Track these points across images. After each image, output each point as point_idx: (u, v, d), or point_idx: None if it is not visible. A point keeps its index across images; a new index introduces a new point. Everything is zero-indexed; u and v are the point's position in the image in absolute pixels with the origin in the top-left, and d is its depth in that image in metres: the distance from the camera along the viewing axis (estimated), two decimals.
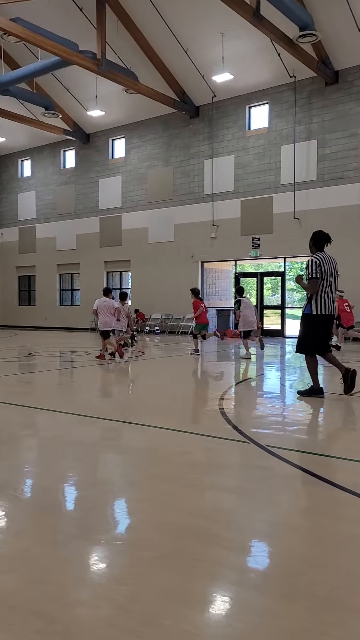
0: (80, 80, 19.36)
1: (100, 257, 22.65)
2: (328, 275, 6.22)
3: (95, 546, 2.47)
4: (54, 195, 24.29)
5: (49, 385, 8.05)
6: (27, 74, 16.79)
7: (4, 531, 2.66)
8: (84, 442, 4.52)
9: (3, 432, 4.95)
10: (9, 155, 26.03)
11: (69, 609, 1.93)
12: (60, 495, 3.24)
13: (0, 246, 26.48)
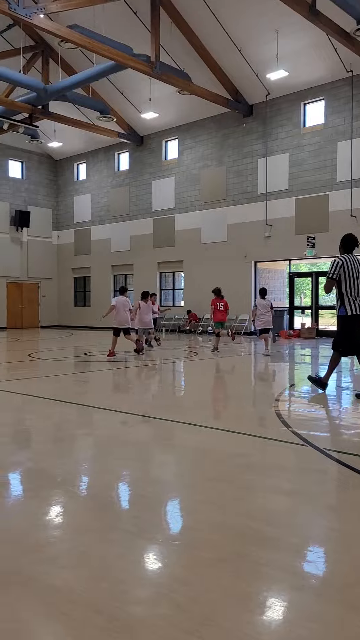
0: (134, 84, 19.61)
1: (153, 258, 22.85)
2: (353, 277, 6.35)
3: (154, 545, 2.49)
4: (108, 198, 24.70)
5: (104, 384, 8.19)
6: (83, 79, 17.15)
7: (64, 527, 2.72)
8: (138, 441, 4.56)
9: (61, 430, 5.07)
10: (66, 159, 26.68)
11: (130, 607, 1.95)
12: (117, 493, 3.28)
13: (56, 248, 27.17)
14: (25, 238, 25.81)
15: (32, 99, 18.46)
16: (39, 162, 26.53)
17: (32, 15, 13.39)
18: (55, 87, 17.75)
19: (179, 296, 22.83)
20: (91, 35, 14.58)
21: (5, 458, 4.02)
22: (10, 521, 2.79)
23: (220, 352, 12.28)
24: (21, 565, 2.26)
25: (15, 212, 25.15)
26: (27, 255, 25.92)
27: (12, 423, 5.38)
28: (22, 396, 6.75)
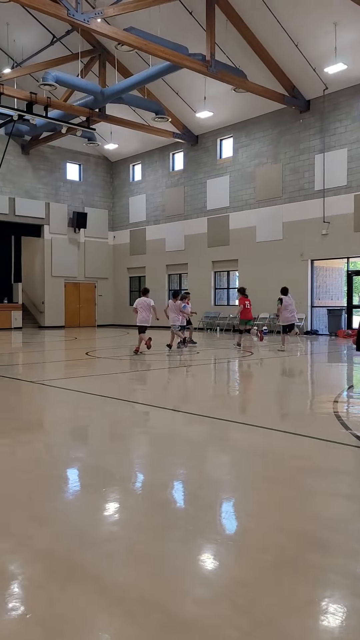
0: (189, 83, 19.65)
1: (208, 257, 22.83)
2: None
3: (212, 545, 2.48)
4: (163, 198, 24.87)
5: (159, 382, 8.25)
6: (138, 81, 17.35)
7: (123, 524, 2.76)
8: (194, 440, 4.57)
9: (118, 428, 5.15)
10: (121, 160, 27.07)
11: (189, 606, 1.95)
12: (175, 492, 3.30)
13: (112, 248, 27.62)
14: (82, 239, 26.38)
15: (90, 103, 18.85)
16: (96, 164, 27.04)
17: (90, 20, 13.67)
18: (112, 90, 18.05)
19: (233, 295, 22.70)
20: (147, 37, 14.72)
21: (65, 454, 4.12)
22: (71, 516, 2.86)
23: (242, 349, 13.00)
24: (83, 560, 2.31)
25: (73, 214, 25.74)
26: (84, 256, 26.48)
27: (71, 420, 5.51)
28: (79, 394, 6.91)
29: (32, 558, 2.34)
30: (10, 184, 23.79)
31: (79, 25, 13.89)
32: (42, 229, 25.08)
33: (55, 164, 25.45)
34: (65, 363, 11.24)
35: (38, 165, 24.86)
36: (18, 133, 22.18)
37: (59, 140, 23.46)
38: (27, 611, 1.93)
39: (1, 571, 2.22)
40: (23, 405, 6.52)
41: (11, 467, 3.83)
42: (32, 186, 24.64)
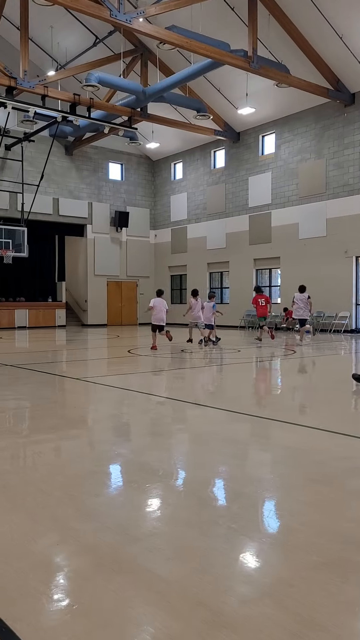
0: (231, 80, 19.53)
1: (249, 254, 22.67)
2: None
3: (256, 544, 2.46)
4: (204, 196, 24.83)
5: (200, 380, 8.24)
6: (180, 79, 17.36)
7: (167, 520, 2.76)
8: (236, 438, 4.54)
9: (160, 425, 5.17)
10: (163, 159, 27.17)
11: (235, 604, 1.94)
12: (217, 489, 3.28)
13: (154, 247, 27.77)
14: (124, 238, 26.63)
15: (131, 102, 18.99)
16: (137, 164, 27.24)
17: (132, 20, 13.76)
18: (154, 89, 18.13)
19: (275, 293, 22.47)
20: (188, 35, 14.72)
21: (109, 450, 4.17)
22: (116, 511, 2.88)
23: (262, 343, 13.78)
24: (128, 554, 2.33)
25: (115, 213, 26.02)
26: (126, 255, 26.73)
27: (113, 416, 5.57)
28: (122, 390, 6.98)
29: (78, 551, 2.37)
30: (54, 185, 24.24)
31: (121, 26, 14.01)
32: (85, 228, 25.45)
33: (98, 164, 25.77)
34: (108, 360, 11.38)
35: (81, 166, 25.23)
36: (62, 134, 22.59)
37: (102, 140, 23.75)
38: (73, 602, 1.96)
39: (48, 563, 2.26)
40: (67, 401, 6.63)
41: (57, 462, 3.90)
42: (76, 186, 25.03)
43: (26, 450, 4.14)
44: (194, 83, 20.04)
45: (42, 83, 17.09)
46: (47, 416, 5.36)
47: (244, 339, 16.36)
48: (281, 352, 12.37)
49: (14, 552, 2.35)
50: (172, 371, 9.29)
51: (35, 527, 2.62)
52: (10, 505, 2.92)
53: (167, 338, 13.05)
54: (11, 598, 1.98)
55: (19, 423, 5.25)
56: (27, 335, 18.98)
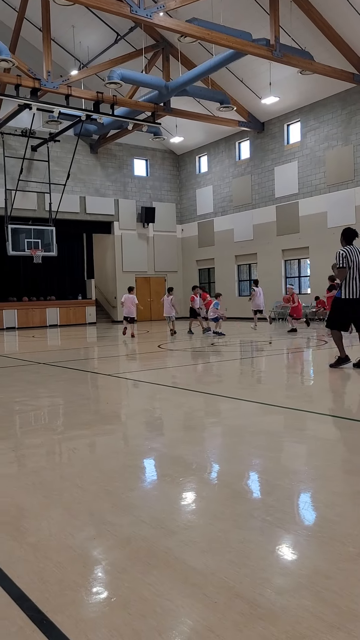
0: (254, 70, 19.33)
1: (277, 245, 22.46)
2: (355, 265, 7.40)
3: (292, 535, 2.45)
4: (230, 188, 24.69)
5: (232, 373, 8.22)
6: (202, 72, 17.26)
7: (201, 513, 2.78)
8: (270, 430, 4.52)
9: (193, 418, 5.19)
10: (187, 153, 27.10)
11: (272, 595, 1.94)
12: (252, 482, 3.28)
13: (181, 241, 27.77)
14: (151, 233, 26.71)
15: (154, 97, 18.98)
16: (162, 159, 27.24)
17: (153, 15, 13.74)
18: (176, 83, 18.08)
19: (305, 283, 22.23)
20: (210, 27, 14.62)
21: (142, 444, 4.20)
22: (151, 504, 2.91)
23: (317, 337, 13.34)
24: (164, 547, 2.35)
25: (141, 209, 26.11)
26: (154, 250, 26.81)
27: (146, 411, 5.61)
28: (153, 385, 7.02)
29: (114, 545, 2.40)
30: (80, 184, 24.45)
31: (141, 21, 14.01)
32: (112, 225, 25.62)
33: (123, 160, 25.87)
34: (139, 356, 11.45)
35: (106, 163, 25.38)
36: (86, 133, 22.75)
37: (126, 137, 23.83)
38: (111, 595, 1.99)
39: (86, 557, 2.30)
40: (100, 397, 6.71)
41: (91, 457, 3.95)
42: (102, 184, 25.19)
43: (61, 447, 4.21)
44: (216, 75, 19.90)
45: (65, 83, 17.23)
46: (80, 412, 5.44)
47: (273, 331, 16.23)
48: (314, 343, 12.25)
49: (52, 546, 2.40)
50: (202, 365, 9.29)
51: (72, 522, 2.67)
52: (48, 501, 2.98)
53: (124, 333, 15.44)
54: (51, 591, 2.02)
55: (54, 420, 5.34)
56: (59, 333, 19.25)
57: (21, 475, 3.48)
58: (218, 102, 19.26)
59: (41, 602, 1.94)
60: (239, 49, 15.15)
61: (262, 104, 20.77)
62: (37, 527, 2.62)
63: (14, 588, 2.04)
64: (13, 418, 5.38)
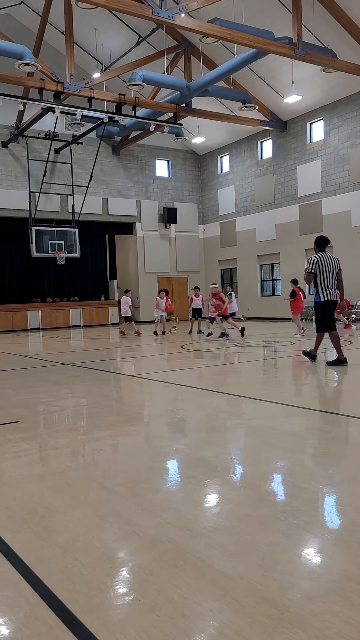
0: (276, 68, 19.21)
1: (300, 245, 22.28)
2: (326, 270, 8.04)
3: (320, 539, 2.43)
4: (252, 188, 24.57)
5: (256, 374, 8.18)
6: (224, 72, 17.22)
7: (228, 515, 2.77)
8: (294, 432, 4.49)
9: (216, 419, 5.18)
10: (209, 153, 27.06)
11: (301, 600, 1.92)
12: (277, 484, 3.26)
13: (203, 242, 27.74)
14: (173, 234, 26.74)
15: (176, 98, 19.00)
16: (184, 159, 27.25)
17: (174, 16, 13.76)
18: (198, 83, 18.07)
19: None
20: (231, 26, 14.58)
21: (166, 445, 4.21)
22: (176, 506, 2.91)
23: None
24: (191, 549, 2.35)
25: (163, 210, 26.15)
26: (176, 251, 26.83)
27: (169, 412, 5.62)
28: (176, 386, 7.02)
29: (141, 546, 2.41)
30: (103, 185, 24.60)
31: (163, 23, 14.04)
32: (134, 226, 25.71)
33: (145, 162, 25.95)
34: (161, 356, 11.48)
35: (128, 165, 25.48)
36: (108, 135, 22.89)
37: (148, 138, 23.89)
38: (139, 597, 1.99)
39: (113, 558, 2.32)
40: (124, 398, 6.74)
41: (116, 458, 3.98)
42: (124, 185, 25.31)
43: (87, 447, 4.24)
44: (238, 74, 19.82)
45: (88, 86, 17.36)
46: (105, 413, 5.47)
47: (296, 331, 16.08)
48: None
49: (80, 547, 2.42)
50: (226, 366, 9.27)
51: (99, 523, 2.69)
52: (74, 502, 3.01)
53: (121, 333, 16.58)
54: (80, 592, 2.04)
55: (79, 420, 5.39)
56: (82, 334, 19.40)
57: (47, 476, 3.52)
58: (240, 101, 19.19)
59: (70, 603, 1.96)
60: (261, 48, 15.07)
61: (284, 102, 20.62)
62: (65, 528, 2.65)
63: (44, 588, 2.07)
64: (38, 418, 5.44)
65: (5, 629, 1.83)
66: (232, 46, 17.04)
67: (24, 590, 2.06)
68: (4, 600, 2.00)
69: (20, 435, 4.57)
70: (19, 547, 2.43)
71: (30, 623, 1.85)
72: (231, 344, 12.77)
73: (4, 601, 2.00)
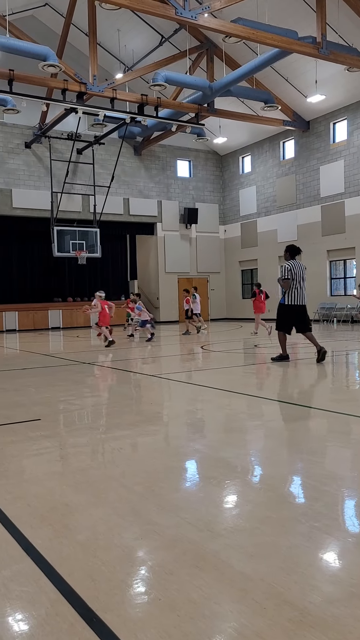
0: (299, 68, 19.09)
1: (322, 246, 22.09)
2: (297, 277, 8.79)
3: (342, 543, 2.40)
4: (274, 188, 24.45)
5: (275, 376, 8.13)
6: (247, 71, 17.17)
7: (248, 517, 2.75)
8: (314, 434, 4.45)
9: (236, 420, 5.16)
10: (230, 154, 27.00)
11: (322, 604, 1.90)
12: (298, 487, 3.23)
13: (224, 242, 27.68)
14: (193, 234, 26.73)
15: (198, 98, 19.01)
16: (205, 160, 27.23)
17: (198, 16, 13.76)
18: (220, 84, 18.05)
19: (350, 285, 21.77)
20: (255, 26, 14.54)
21: (186, 445, 4.21)
22: (196, 506, 2.91)
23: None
24: (211, 550, 2.34)
25: (184, 210, 26.17)
26: (196, 251, 26.82)
27: (189, 412, 5.61)
28: (196, 387, 7.02)
29: (161, 545, 2.41)
30: (124, 185, 24.71)
31: (186, 23, 14.06)
32: (155, 226, 25.77)
33: (166, 162, 26.00)
34: (181, 357, 11.48)
35: (150, 165, 25.56)
36: (130, 135, 22.98)
37: (169, 138, 23.94)
38: (159, 596, 1.99)
39: (133, 557, 2.32)
40: (143, 398, 6.76)
41: (136, 457, 3.98)
42: (145, 185, 25.39)
43: (107, 446, 4.26)
44: (260, 74, 19.73)
45: (110, 86, 17.45)
46: (125, 412, 5.49)
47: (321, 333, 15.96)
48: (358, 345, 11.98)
49: (101, 545, 2.43)
50: (245, 367, 9.23)
51: (119, 522, 2.69)
52: (95, 500, 3.02)
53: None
54: (100, 589, 2.04)
55: (98, 419, 5.41)
56: None
57: (68, 473, 3.54)
58: (262, 101, 19.11)
59: (91, 600, 1.97)
60: (285, 47, 14.99)
61: (307, 102, 20.48)
62: (85, 526, 2.66)
63: (65, 585, 2.08)
64: (59, 417, 5.48)
65: (27, 625, 1.84)
66: (255, 46, 16.98)
67: (45, 587, 2.07)
68: (25, 596, 2.02)
69: (41, 433, 4.61)
70: (39, 544, 2.45)
71: (51, 619, 1.86)
72: (253, 345, 12.69)
73: (25, 597, 2.01)
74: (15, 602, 1.98)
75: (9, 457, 3.93)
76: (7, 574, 2.18)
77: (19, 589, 2.07)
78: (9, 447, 4.19)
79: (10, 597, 2.02)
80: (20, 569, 2.22)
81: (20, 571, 2.21)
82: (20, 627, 1.84)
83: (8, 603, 1.98)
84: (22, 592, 2.04)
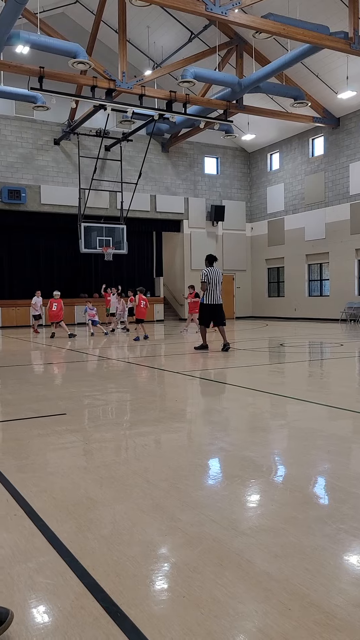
0: (330, 64, 18.82)
1: (351, 245, 21.79)
2: (213, 281, 10.73)
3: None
4: (302, 186, 24.19)
5: (301, 375, 8.06)
6: (277, 67, 16.99)
7: (273, 516, 2.73)
8: (340, 435, 4.39)
9: (261, 420, 5.12)
10: (258, 151, 26.81)
11: (349, 607, 1.87)
12: (325, 488, 3.19)
13: (250, 240, 27.52)
14: (220, 232, 26.64)
15: (227, 95, 18.90)
16: (233, 157, 27.09)
17: (228, 12, 13.67)
18: (250, 80, 17.91)
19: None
20: (285, 21, 14.38)
21: (211, 443, 4.19)
22: (221, 504, 2.89)
23: None
24: (235, 548, 2.33)
25: (211, 207, 26.09)
26: (222, 249, 26.73)
27: (213, 410, 5.59)
28: (221, 384, 6.99)
29: (185, 542, 2.40)
30: (151, 182, 24.75)
31: (216, 19, 14.00)
32: (181, 223, 25.76)
33: (194, 159, 25.94)
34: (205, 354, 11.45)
35: (177, 162, 25.54)
36: (158, 132, 23.00)
37: (197, 135, 23.88)
38: (184, 593, 1.99)
39: (158, 553, 2.32)
40: (168, 395, 6.77)
41: (161, 454, 3.99)
42: (172, 182, 25.38)
43: (131, 442, 4.27)
44: (290, 70, 19.54)
45: (139, 83, 17.49)
46: (149, 409, 5.50)
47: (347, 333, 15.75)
48: None
49: (125, 541, 2.43)
50: (270, 365, 9.16)
51: (143, 517, 2.70)
52: (119, 495, 3.03)
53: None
54: (125, 585, 2.05)
55: (123, 415, 5.44)
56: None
57: (92, 468, 3.56)
58: (292, 97, 18.91)
59: (115, 595, 1.97)
60: (316, 43, 14.80)
61: (338, 98, 20.20)
62: (110, 520, 2.67)
63: (89, 579, 2.09)
64: (84, 412, 5.52)
65: (52, 617, 1.86)
66: (285, 41, 16.82)
67: (70, 580, 2.09)
68: (51, 589, 2.03)
69: (67, 427, 4.65)
70: (65, 537, 2.47)
71: (77, 612, 1.87)
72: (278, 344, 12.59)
73: (51, 589, 2.03)
74: (41, 594, 2.00)
75: (36, 450, 3.98)
76: (33, 566, 2.20)
77: (45, 581, 2.08)
78: (36, 440, 4.24)
79: (36, 588, 2.04)
80: (45, 562, 2.24)
81: (45, 563, 2.23)
82: (45, 619, 1.85)
83: (34, 594, 2.00)
84: (48, 584, 2.06)
